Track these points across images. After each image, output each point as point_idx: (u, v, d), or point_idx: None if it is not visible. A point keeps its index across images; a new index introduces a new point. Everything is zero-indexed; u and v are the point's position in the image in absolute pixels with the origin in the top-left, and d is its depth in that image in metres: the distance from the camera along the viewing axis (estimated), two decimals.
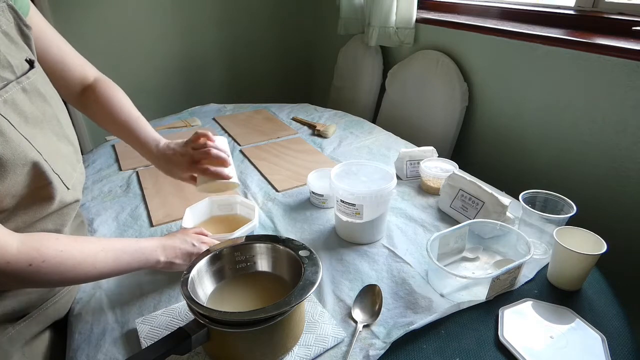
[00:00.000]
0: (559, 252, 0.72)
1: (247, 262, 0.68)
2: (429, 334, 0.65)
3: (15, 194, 0.53)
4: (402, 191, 1.06)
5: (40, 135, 0.56)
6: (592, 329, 0.65)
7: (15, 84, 0.53)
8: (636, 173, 1.09)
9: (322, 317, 0.66)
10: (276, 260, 0.68)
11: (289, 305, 0.54)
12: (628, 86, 1.06)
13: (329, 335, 0.63)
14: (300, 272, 0.60)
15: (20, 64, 0.55)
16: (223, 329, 0.53)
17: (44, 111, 0.59)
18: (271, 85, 2.52)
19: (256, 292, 0.65)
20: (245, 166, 1.20)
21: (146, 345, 0.60)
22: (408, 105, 1.71)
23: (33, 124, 0.55)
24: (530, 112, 1.33)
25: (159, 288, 0.74)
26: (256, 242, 0.68)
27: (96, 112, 0.81)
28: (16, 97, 0.53)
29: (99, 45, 1.97)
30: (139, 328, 0.64)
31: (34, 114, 0.56)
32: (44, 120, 0.58)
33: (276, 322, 0.54)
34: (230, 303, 0.63)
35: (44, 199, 0.58)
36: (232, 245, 0.67)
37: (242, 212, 0.90)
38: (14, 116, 0.52)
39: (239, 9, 2.24)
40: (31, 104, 0.56)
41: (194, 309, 0.54)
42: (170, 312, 0.67)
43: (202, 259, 0.63)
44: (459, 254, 0.81)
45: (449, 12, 1.69)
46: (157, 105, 2.19)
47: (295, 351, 0.61)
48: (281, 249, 0.66)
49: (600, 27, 1.21)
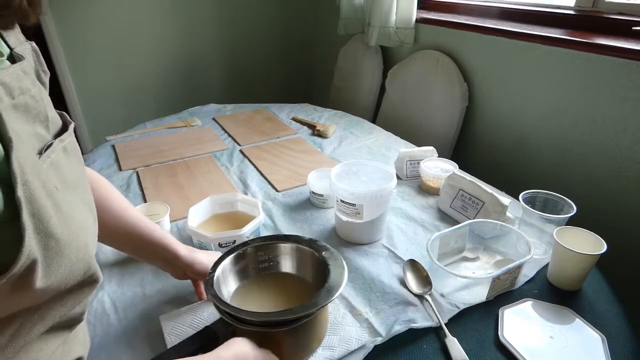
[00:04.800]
0: (559, 252, 0.72)
1: (270, 261, 0.68)
2: (429, 334, 0.65)
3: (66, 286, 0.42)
4: (402, 191, 1.06)
5: (71, 202, 0.44)
6: (592, 329, 0.65)
7: (58, 143, 0.44)
8: (636, 173, 1.09)
9: (345, 319, 0.66)
10: (300, 261, 0.67)
11: (316, 307, 0.53)
12: (628, 86, 1.06)
13: (353, 337, 0.63)
14: (323, 273, 0.60)
15: (54, 117, 0.47)
16: (250, 329, 0.53)
17: (80, 174, 0.49)
18: (271, 85, 2.52)
19: (278, 292, 0.65)
20: (245, 166, 1.20)
21: (170, 340, 0.61)
22: (408, 105, 1.71)
23: (71, 191, 0.45)
24: (530, 112, 1.33)
25: (161, 288, 0.74)
26: (280, 242, 0.67)
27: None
28: (59, 159, 0.44)
29: (99, 45, 1.97)
30: (163, 324, 0.65)
31: (70, 179, 0.45)
32: (78, 186, 0.47)
33: (302, 324, 0.54)
34: (253, 302, 0.63)
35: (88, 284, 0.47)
36: (256, 245, 0.66)
37: (243, 209, 0.91)
38: (58, 183, 0.42)
39: (239, 9, 2.24)
40: (70, 167, 0.46)
41: (222, 309, 0.54)
42: (194, 309, 0.67)
43: (226, 258, 0.64)
44: (459, 254, 0.81)
45: (449, 12, 1.69)
46: (157, 105, 2.20)
47: (319, 352, 0.61)
48: (305, 249, 0.66)
49: (600, 27, 1.21)
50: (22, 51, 0.44)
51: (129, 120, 1.80)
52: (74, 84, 1.98)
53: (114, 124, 2.05)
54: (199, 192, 1.05)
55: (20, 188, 0.35)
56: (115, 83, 2.06)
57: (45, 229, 0.38)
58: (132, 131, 1.44)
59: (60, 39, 1.88)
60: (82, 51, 1.94)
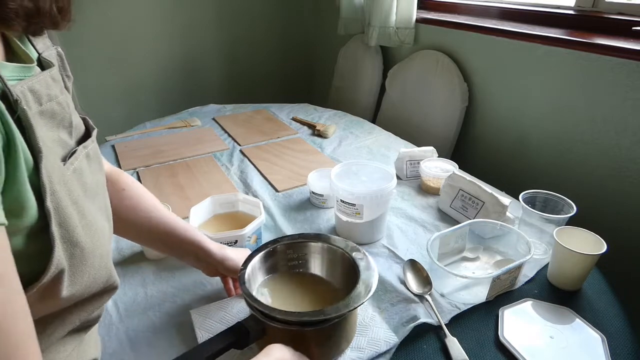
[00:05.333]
0: (559, 252, 0.72)
1: (299, 260, 0.69)
2: (429, 334, 0.65)
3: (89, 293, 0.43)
4: (402, 191, 1.06)
5: (92, 209, 0.44)
6: (592, 329, 0.65)
7: (82, 149, 0.44)
8: (636, 173, 1.09)
9: (373, 321, 0.66)
10: (329, 260, 0.68)
11: (348, 307, 0.54)
12: (628, 86, 1.06)
13: (381, 339, 0.63)
14: (353, 274, 0.61)
15: (78, 123, 0.47)
16: (282, 327, 0.54)
17: (99, 181, 0.48)
18: (271, 85, 2.52)
19: (306, 291, 0.66)
20: (245, 166, 1.20)
21: (201, 335, 0.63)
22: (408, 105, 1.71)
23: (90, 199, 0.44)
24: (530, 112, 1.33)
25: (163, 288, 0.74)
26: (310, 241, 0.68)
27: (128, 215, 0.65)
28: (82, 166, 0.44)
29: (99, 45, 1.97)
30: (193, 318, 0.66)
31: (91, 186, 0.45)
32: (98, 193, 0.47)
33: (334, 323, 0.55)
34: (280, 300, 0.63)
35: (108, 291, 0.47)
36: (286, 243, 0.67)
37: (244, 209, 0.91)
38: (80, 191, 0.42)
39: (239, 9, 2.24)
40: (90, 174, 0.46)
41: (254, 307, 0.55)
42: (224, 305, 0.69)
43: (257, 255, 0.64)
44: (459, 253, 0.81)
45: (449, 12, 1.69)
46: (157, 105, 2.20)
47: (347, 353, 0.61)
48: (335, 249, 0.66)
49: (600, 27, 1.21)
50: (49, 56, 0.45)
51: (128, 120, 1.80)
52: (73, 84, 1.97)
53: (114, 124, 2.05)
54: (199, 192, 1.05)
55: (49, 198, 0.36)
56: (115, 83, 2.06)
57: (71, 238, 0.38)
58: (132, 131, 1.44)
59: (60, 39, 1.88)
60: (82, 51, 1.94)
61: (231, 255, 0.68)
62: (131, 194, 0.65)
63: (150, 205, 0.67)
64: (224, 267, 0.68)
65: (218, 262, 0.67)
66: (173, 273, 0.78)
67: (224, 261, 0.67)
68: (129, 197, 0.64)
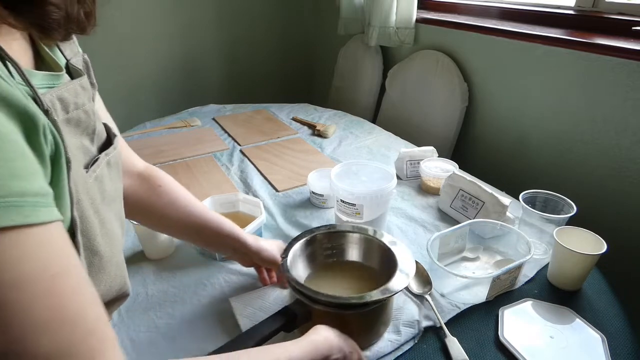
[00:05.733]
0: (559, 252, 0.72)
1: (335, 249, 0.72)
2: (429, 334, 0.65)
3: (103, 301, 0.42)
4: (402, 191, 1.06)
5: (113, 220, 0.45)
6: (592, 329, 0.65)
7: (104, 157, 0.44)
8: (636, 173, 1.09)
9: (406, 304, 0.69)
10: (365, 249, 0.72)
11: (390, 292, 0.57)
12: (628, 86, 1.06)
13: (415, 321, 0.66)
14: (390, 261, 0.64)
15: (100, 130, 0.46)
16: (328, 310, 0.57)
17: (117, 189, 0.48)
18: (271, 85, 2.52)
19: (345, 277, 0.70)
20: (245, 166, 1.20)
21: (242, 321, 0.66)
22: (408, 105, 1.71)
23: (107, 206, 0.44)
24: (530, 112, 1.33)
25: (164, 287, 0.74)
26: (347, 231, 0.72)
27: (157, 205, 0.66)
28: (103, 173, 0.44)
29: (98, 45, 1.97)
30: (234, 306, 0.69)
31: (109, 194, 0.45)
32: (115, 199, 0.47)
33: (375, 307, 0.58)
34: (322, 286, 0.64)
35: (120, 299, 0.47)
36: (324, 233, 0.71)
37: (245, 209, 0.91)
38: (100, 199, 0.42)
39: (239, 9, 2.24)
40: (110, 181, 0.45)
41: (302, 291, 0.58)
42: (261, 294, 0.72)
43: (296, 243, 0.68)
44: (459, 253, 0.81)
45: (449, 12, 1.69)
46: (157, 105, 2.20)
47: (385, 337, 0.63)
48: (371, 238, 0.70)
49: (600, 27, 1.21)
50: (76, 62, 0.44)
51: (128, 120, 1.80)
52: None
53: None
54: (199, 192, 1.05)
55: (75, 207, 0.36)
56: (115, 83, 2.06)
57: (91, 247, 0.38)
58: (132, 131, 1.44)
59: None
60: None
61: (266, 247, 0.71)
62: (168, 189, 0.66)
63: (188, 200, 0.69)
64: (259, 257, 0.70)
65: (254, 253, 0.70)
66: (174, 273, 0.78)
67: (260, 252, 0.70)
68: (167, 193, 0.66)
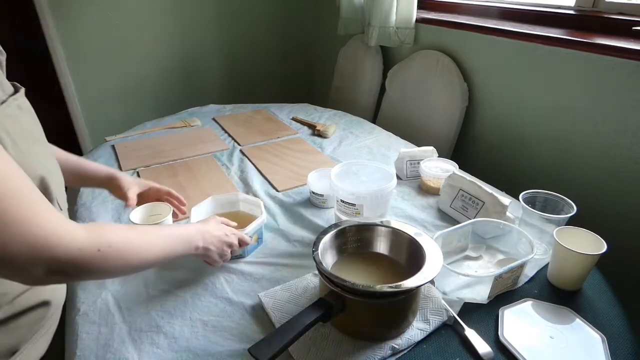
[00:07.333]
0: (559, 252, 0.72)
1: (360, 241, 0.74)
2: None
3: None
4: (402, 191, 1.06)
5: (39, 152, 0.56)
6: (592, 329, 0.65)
7: (12, 100, 0.53)
8: (636, 173, 1.09)
9: (431, 292, 0.71)
10: (391, 241, 0.73)
11: (421, 281, 0.59)
12: (628, 86, 1.06)
13: (442, 309, 0.68)
14: (416, 251, 0.67)
15: (6, 84, 0.55)
16: (363, 300, 0.59)
17: (38, 130, 0.59)
18: (271, 85, 2.52)
19: (373, 268, 0.71)
20: (245, 166, 1.20)
21: (274, 315, 0.67)
22: (408, 105, 1.71)
23: (32, 141, 0.55)
24: (530, 112, 1.33)
25: (164, 287, 0.74)
26: (375, 225, 0.74)
27: None
28: (16, 113, 0.53)
29: (98, 45, 1.97)
30: (263, 301, 0.70)
31: (30, 131, 0.56)
32: (38, 139, 0.58)
33: (406, 297, 0.60)
34: (352, 277, 0.65)
35: None
36: (352, 225, 0.73)
37: (245, 208, 0.91)
38: (17, 130, 0.52)
39: (239, 9, 2.24)
40: (26, 122, 0.56)
41: (336, 282, 0.59)
42: (288, 288, 0.73)
43: (326, 235, 0.69)
44: (461, 252, 0.81)
45: (449, 12, 1.69)
46: (156, 105, 2.20)
47: (414, 325, 0.65)
48: (398, 231, 0.72)
49: (600, 27, 1.21)
50: None
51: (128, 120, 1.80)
52: (73, 84, 1.97)
53: (114, 124, 2.05)
54: (200, 192, 1.05)
55: None
56: (115, 83, 2.06)
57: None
58: (131, 131, 1.44)
59: (60, 39, 1.88)
60: (82, 51, 1.94)
61: (119, 175, 0.83)
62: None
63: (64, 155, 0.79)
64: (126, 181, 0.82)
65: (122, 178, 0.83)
66: (175, 273, 0.78)
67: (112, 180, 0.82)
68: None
